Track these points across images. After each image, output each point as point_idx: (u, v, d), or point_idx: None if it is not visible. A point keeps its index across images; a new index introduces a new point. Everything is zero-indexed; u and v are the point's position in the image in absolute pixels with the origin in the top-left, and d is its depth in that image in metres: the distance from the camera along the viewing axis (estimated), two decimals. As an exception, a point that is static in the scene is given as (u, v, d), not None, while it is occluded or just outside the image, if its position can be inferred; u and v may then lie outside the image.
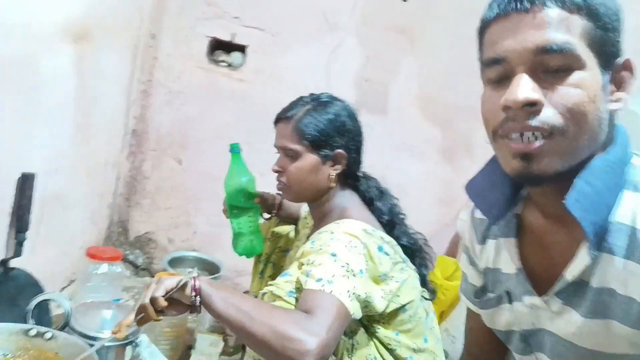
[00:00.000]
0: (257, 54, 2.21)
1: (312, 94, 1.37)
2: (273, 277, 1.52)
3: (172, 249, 2.29)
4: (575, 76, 0.64)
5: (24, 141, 1.42)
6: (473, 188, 0.82)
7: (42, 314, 1.49)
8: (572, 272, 0.69)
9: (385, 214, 1.34)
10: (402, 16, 2.14)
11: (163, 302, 0.95)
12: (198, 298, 0.96)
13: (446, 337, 1.96)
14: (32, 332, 1.21)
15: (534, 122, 0.64)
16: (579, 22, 0.64)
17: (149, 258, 2.31)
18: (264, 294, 1.16)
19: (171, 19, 2.21)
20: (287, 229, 1.60)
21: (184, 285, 0.97)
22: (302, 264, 1.14)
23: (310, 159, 1.29)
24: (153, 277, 2.17)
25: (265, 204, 1.55)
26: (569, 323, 0.70)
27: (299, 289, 1.10)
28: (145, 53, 2.20)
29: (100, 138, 1.95)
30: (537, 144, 0.64)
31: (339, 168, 1.31)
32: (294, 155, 1.30)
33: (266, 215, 1.59)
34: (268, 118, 1.37)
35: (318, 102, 1.33)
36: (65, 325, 1.31)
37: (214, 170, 2.24)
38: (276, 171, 1.35)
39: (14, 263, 1.42)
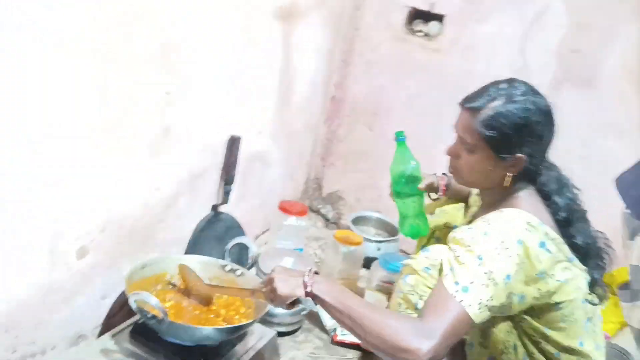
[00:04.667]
0: (454, 23, 2.18)
1: (509, 83, 1.25)
2: (435, 252, 1.57)
3: (359, 208, 2.47)
4: None
5: (235, 108, 1.69)
6: (622, 182, 0.78)
7: (243, 252, 1.80)
8: None
9: (562, 210, 1.25)
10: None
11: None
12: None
13: (633, 338, 1.78)
14: (227, 268, 1.49)
15: None
16: None
17: (338, 213, 2.53)
18: (403, 265, 1.23)
19: (374, -10, 2.31)
20: (456, 207, 1.62)
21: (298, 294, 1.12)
22: (450, 249, 1.14)
23: (486, 157, 1.23)
24: (340, 229, 2.40)
25: (431, 187, 1.58)
26: None
27: (440, 271, 1.12)
28: (348, 24, 2.35)
29: (301, 104, 2.18)
30: None
31: (515, 171, 1.23)
32: (470, 149, 1.25)
33: (433, 196, 1.62)
34: (459, 89, 1.33)
35: (509, 99, 1.21)
36: (252, 265, 1.59)
37: (402, 138, 2.33)
38: (450, 154, 1.33)
39: (222, 209, 1.74)
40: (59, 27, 1.01)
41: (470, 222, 1.42)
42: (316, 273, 1.13)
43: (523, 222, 1.16)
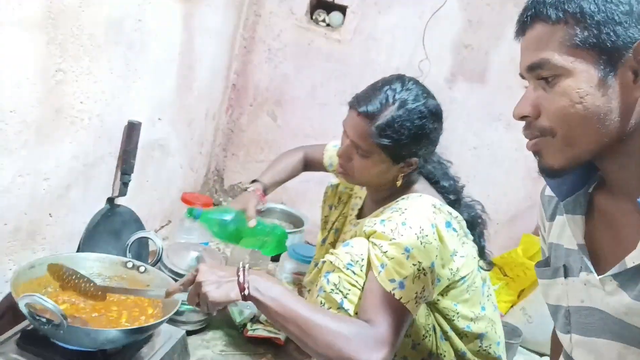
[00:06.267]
0: (356, 14, 2.20)
1: (401, 83, 1.21)
2: (334, 243, 1.54)
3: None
4: (561, 84, 0.71)
5: (132, 92, 1.55)
6: None
7: (142, 249, 1.67)
8: (633, 259, 0.70)
9: (450, 192, 1.32)
10: (511, -21, 2.01)
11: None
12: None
13: (522, 316, 1.93)
14: (129, 265, 1.37)
15: (529, 128, 0.75)
16: (561, 33, 0.70)
17: (240, 206, 2.45)
18: (323, 262, 1.19)
19: (276, -24, 2.26)
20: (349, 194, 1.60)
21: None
22: (374, 245, 1.13)
23: (380, 161, 1.22)
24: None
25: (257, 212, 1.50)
26: (619, 303, 0.72)
27: (367, 267, 1.11)
28: (249, 10, 2.28)
29: (202, 91, 2.07)
30: (534, 142, 0.75)
31: (407, 171, 1.25)
32: (364, 154, 1.22)
33: (259, 206, 1.53)
34: (360, 79, 1.33)
35: (403, 104, 1.18)
36: (157, 262, 1.47)
37: (305, 127, 2.31)
38: (341, 157, 1.28)
39: (119, 201, 1.59)
40: None
41: (359, 214, 1.43)
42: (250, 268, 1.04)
43: (429, 205, 1.19)
